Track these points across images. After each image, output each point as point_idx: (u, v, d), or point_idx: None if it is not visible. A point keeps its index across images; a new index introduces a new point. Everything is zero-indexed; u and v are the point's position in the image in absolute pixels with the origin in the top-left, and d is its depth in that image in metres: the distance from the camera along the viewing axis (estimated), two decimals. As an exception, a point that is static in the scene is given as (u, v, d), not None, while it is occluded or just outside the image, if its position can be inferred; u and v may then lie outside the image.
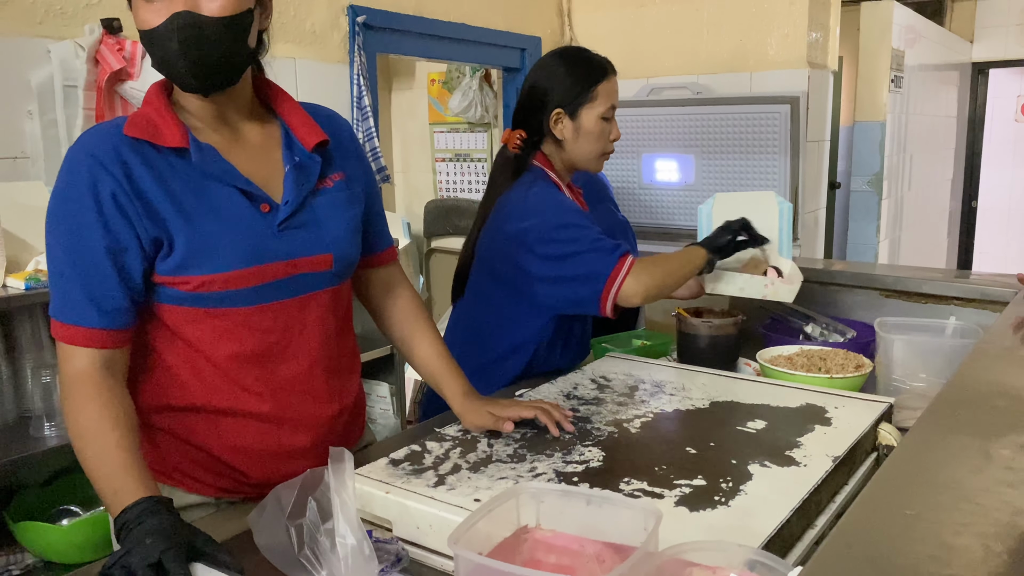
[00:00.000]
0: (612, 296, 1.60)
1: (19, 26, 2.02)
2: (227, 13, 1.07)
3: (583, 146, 1.74)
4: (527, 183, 1.71)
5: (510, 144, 1.76)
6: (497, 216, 1.73)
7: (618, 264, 1.59)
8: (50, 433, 1.84)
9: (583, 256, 1.61)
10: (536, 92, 1.74)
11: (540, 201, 1.68)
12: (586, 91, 1.71)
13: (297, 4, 2.67)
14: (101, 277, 1.07)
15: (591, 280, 1.61)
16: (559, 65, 1.74)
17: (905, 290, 1.97)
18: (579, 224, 1.64)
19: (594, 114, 1.72)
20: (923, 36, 5.42)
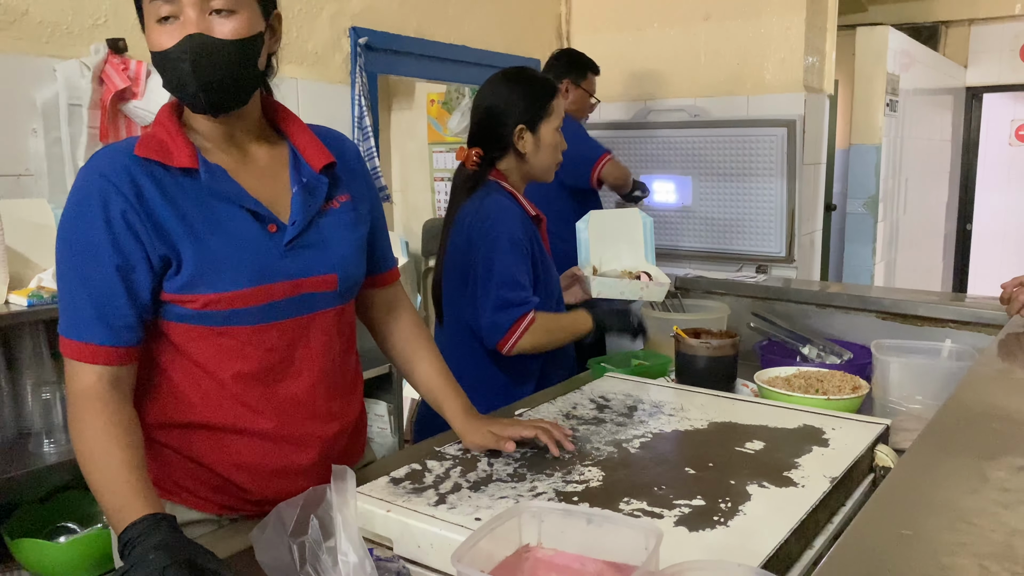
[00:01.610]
0: (509, 346, 1.76)
1: (26, 45, 2.04)
2: (239, 36, 1.10)
3: (542, 157, 1.89)
4: (480, 196, 1.84)
5: (468, 161, 1.88)
6: (457, 228, 1.85)
7: (517, 322, 1.75)
8: (49, 450, 1.84)
9: (493, 297, 1.76)
10: (496, 111, 1.86)
11: (489, 216, 1.80)
12: (544, 106, 1.86)
13: (300, 25, 2.70)
14: (110, 294, 1.08)
15: (492, 326, 1.76)
16: (516, 85, 1.88)
17: (901, 313, 1.99)
18: (507, 264, 1.76)
19: (551, 127, 1.88)
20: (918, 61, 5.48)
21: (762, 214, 3.42)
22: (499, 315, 1.75)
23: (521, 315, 1.75)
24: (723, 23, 3.53)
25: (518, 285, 1.76)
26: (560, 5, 3.99)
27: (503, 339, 1.75)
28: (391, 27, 3.04)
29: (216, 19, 1.08)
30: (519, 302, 1.75)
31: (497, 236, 1.78)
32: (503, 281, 1.76)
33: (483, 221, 1.79)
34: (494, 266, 1.76)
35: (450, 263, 1.87)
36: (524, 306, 1.75)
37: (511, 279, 1.76)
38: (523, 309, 1.75)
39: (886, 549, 0.71)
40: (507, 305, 1.75)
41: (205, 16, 1.08)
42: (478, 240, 1.79)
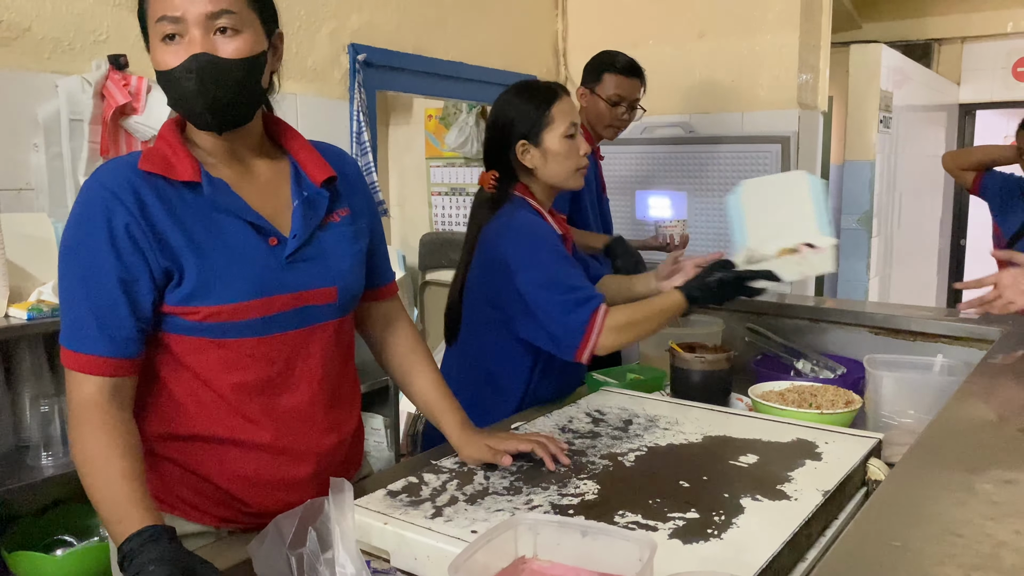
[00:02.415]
0: (588, 349, 1.63)
1: (28, 61, 2.06)
2: (243, 55, 1.12)
3: (554, 168, 1.79)
4: (508, 212, 1.76)
5: (486, 185, 1.81)
6: (482, 247, 1.77)
7: (591, 319, 1.62)
8: (47, 463, 1.85)
9: (557, 303, 1.65)
10: (498, 130, 1.81)
11: (521, 229, 1.72)
12: (542, 116, 1.77)
13: (299, 41, 2.73)
14: (112, 306, 1.09)
15: (566, 332, 1.64)
16: (512, 99, 1.81)
17: (894, 328, 2.01)
18: (557, 269, 1.67)
19: (556, 135, 1.77)
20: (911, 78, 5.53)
21: (757, 229, 3.44)
22: (569, 318, 1.63)
23: (592, 314, 1.62)
24: (718, 40, 3.57)
25: (575, 284, 1.66)
26: (556, 22, 4.03)
27: (581, 342, 1.63)
28: (389, 44, 3.07)
29: (220, 39, 1.11)
30: (584, 299, 1.63)
31: (538, 249, 1.69)
32: (558, 287, 1.65)
33: (517, 239, 1.71)
34: (545, 277, 1.66)
35: (475, 282, 1.79)
36: (591, 301, 1.63)
37: (566, 284, 1.65)
38: (592, 305, 1.63)
39: (876, 560, 0.72)
40: (575, 309, 1.63)
41: (210, 36, 1.10)
42: (516, 258, 1.69)
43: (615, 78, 2.65)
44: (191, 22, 1.09)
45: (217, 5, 1.09)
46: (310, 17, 2.76)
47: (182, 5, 1.08)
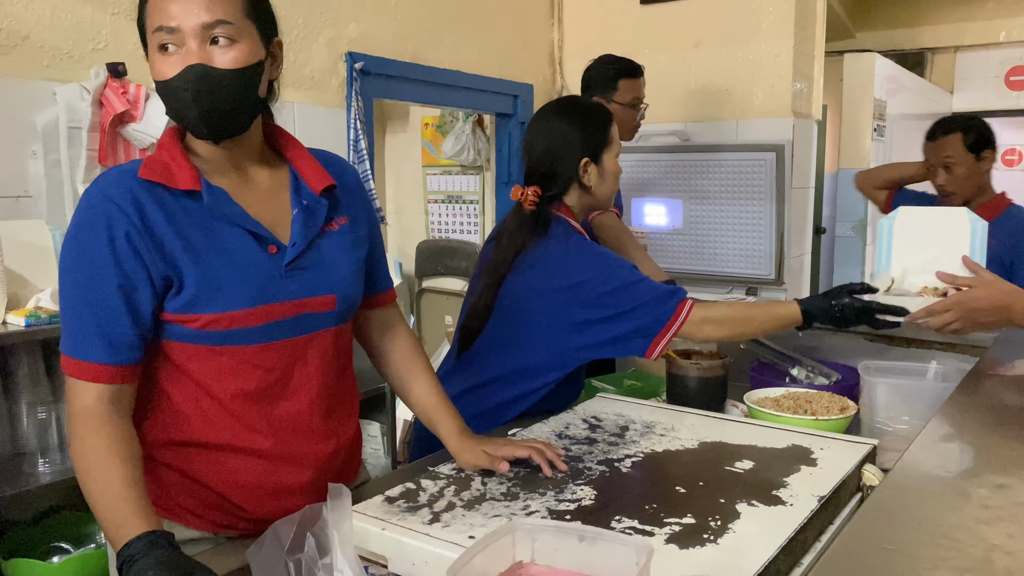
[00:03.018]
0: (666, 341, 1.64)
1: (27, 69, 2.07)
2: (239, 65, 1.13)
3: (607, 186, 1.83)
4: (560, 236, 1.74)
5: (526, 202, 1.77)
6: (533, 272, 1.73)
7: (677, 309, 1.63)
8: (44, 469, 1.85)
9: (639, 310, 1.65)
10: (558, 147, 1.78)
11: (586, 256, 1.72)
12: (605, 135, 1.80)
13: (297, 50, 2.74)
14: (112, 314, 1.10)
15: (643, 332, 1.64)
16: (574, 118, 1.79)
17: (889, 334, 2.02)
18: (630, 280, 1.67)
19: (612, 155, 1.82)
20: (904, 87, 5.56)
21: (751, 237, 3.46)
22: (649, 319, 1.63)
23: (678, 304, 1.63)
24: (713, 50, 3.59)
25: (653, 288, 1.65)
26: (552, 31, 4.06)
27: (656, 337, 1.63)
28: (387, 52, 3.09)
29: (217, 49, 1.11)
30: (664, 296, 1.63)
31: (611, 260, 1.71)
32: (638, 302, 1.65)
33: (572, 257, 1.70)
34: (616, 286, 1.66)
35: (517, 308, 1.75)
36: (673, 297, 1.64)
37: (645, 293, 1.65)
38: (675, 298, 1.63)
39: (870, 563, 0.73)
40: (655, 306, 1.63)
41: (206, 46, 1.11)
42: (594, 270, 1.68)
43: (629, 82, 2.68)
44: (187, 33, 1.10)
45: (213, 16, 1.10)
46: (308, 26, 2.78)
47: (178, 16, 1.09)
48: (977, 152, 2.57)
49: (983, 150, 2.57)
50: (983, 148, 2.57)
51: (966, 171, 2.58)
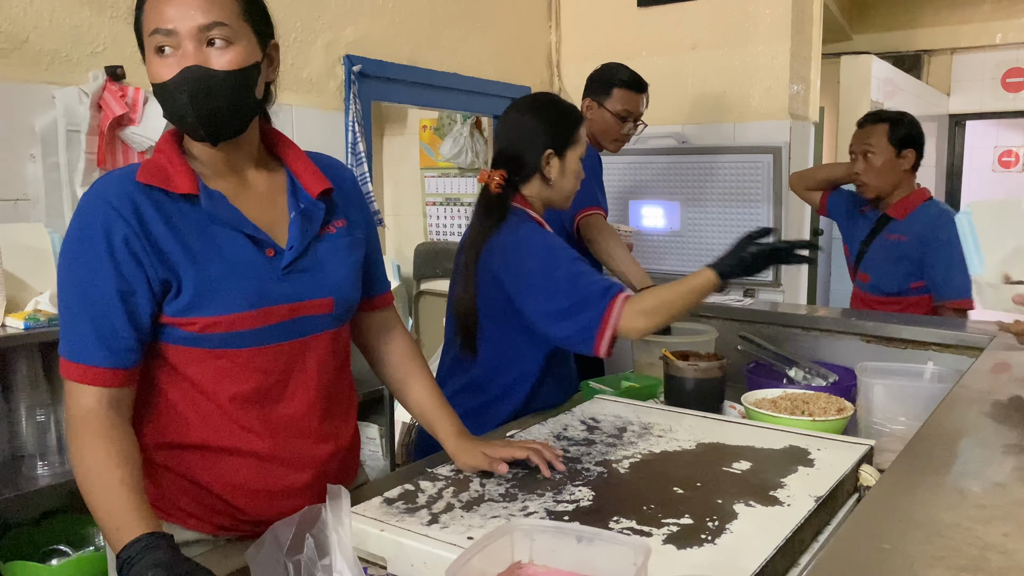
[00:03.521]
0: (606, 339, 1.61)
1: (25, 72, 2.07)
2: (235, 67, 1.13)
3: (565, 184, 1.86)
4: (513, 225, 1.77)
5: (492, 184, 1.81)
6: (490, 259, 1.76)
7: (608, 307, 1.60)
8: (43, 472, 1.85)
9: (578, 306, 1.63)
10: (526, 135, 1.83)
11: (531, 243, 1.74)
12: (572, 133, 1.84)
13: (295, 53, 2.74)
14: (111, 318, 1.10)
15: (585, 325, 1.62)
16: (544, 110, 1.85)
17: (885, 336, 2.03)
18: (571, 270, 1.68)
19: (576, 154, 1.86)
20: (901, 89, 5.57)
21: (749, 239, 3.46)
22: (587, 312, 1.61)
23: (610, 300, 1.60)
24: (710, 52, 3.60)
25: (591, 283, 1.64)
26: (550, 34, 4.06)
27: (597, 332, 1.60)
28: (385, 55, 3.09)
29: (213, 51, 1.12)
30: (600, 292, 1.62)
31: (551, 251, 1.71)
32: (578, 292, 1.64)
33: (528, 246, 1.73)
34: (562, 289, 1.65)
35: (487, 295, 1.78)
36: (607, 294, 1.61)
37: (583, 284, 1.64)
38: (608, 295, 1.61)
39: (866, 562, 0.74)
40: (591, 299, 1.62)
41: (202, 48, 1.11)
42: (528, 262, 1.71)
43: (625, 93, 2.68)
44: (184, 35, 1.10)
45: (209, 18, 1.10)
46: (306, 29, 2.78)
47: (175, 18, 1.10)
48: (899, 148, 2.55)
49: (905, 148, 2.55)
50: (906, 146, 2.56)
51: (884, 164, 2.56)
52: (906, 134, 2.56)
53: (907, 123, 2.59)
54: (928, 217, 2.52)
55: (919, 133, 2.60)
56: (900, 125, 2.57)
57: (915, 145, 2.57)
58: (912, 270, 2.50)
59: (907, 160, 2.56)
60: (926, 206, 2.57)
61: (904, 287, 2.53)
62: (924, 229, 2.49)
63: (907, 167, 2.58)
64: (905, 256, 2.53)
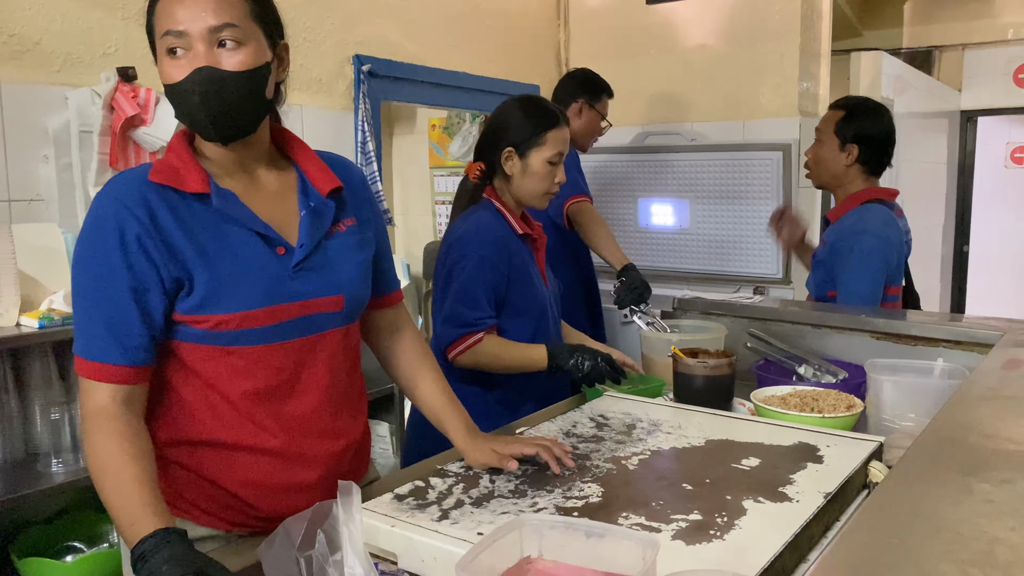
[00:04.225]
0: (451, 358, 1.82)
1: (38, 74, 2.10)
2: (245, 68, 1.14)
3: (527, 184, 1.91)
4: (468, 214, 1.91)
5: (471, 175, 1.93)
6: (443, 241, 1.93)
7: (460, 339, 1.81)
8: (57, 470, 1.87)
9: (450, 305, 1.82)
10: (493, 130, 1.91)
11: (471, 228, 1.86)
12: (537, 135, 1.88)
13: (305, 53, 2.76)
14: (124, 316, 1.12)
15: (442, 336, 1.83)
16: (517, 108, 1.91)
17: (895, 332, 2.02)
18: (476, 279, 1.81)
19: (542, 157, 1.89)
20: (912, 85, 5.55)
21: (759, 236, 3.46)
22: (448, 328, 1.82)
23: (468, 334, 1.80)
24: (719, 50, 3.60)
25: (475, 304, 1.81)
26: (559, 32, 4.07)
27: (451, 347, 1.82)
28: (394, 55, 3.10)
29: (223, 52, 1.13)
30: (471, 322, 1.81)
31: (466, 253, 1.83)
32: (460, 297, 1.81)
33: (460, 236, 1.86)
34: (455, 280, 1.82)
35: (435, 277, 1.93)
36: (475, 327, 1.81)
37: (469, 297, 1.81)
38: (473, 329, 1.80)
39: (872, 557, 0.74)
40: (459, 322, 1.81)
41: (213, 49, 1.13)
42: (451, 253, 1.86)
43: (607, 101, 3.08)
44: (195, 36, 1.11)
45: (220, 19, 1.12)
46: (315, 29, 2.80)
47: (185, 20, 1.11)
48: (843, 140, 2.37)
49: (849, 142, 2.36)
50: (851, 140, 2.36)
51: (823, 153, 2.42)
52: (855, 127, 2.36)
53: (863, 116, 2.39)
54: (846, 224, 2.36)
55: (877, 131, 2.38)
56: (853, 117, 2.38)
57: (862, 142, 2.36)
58: (826, 278, 2.38)
59: (849, 155, 2.37)
60: (853, 212, 2.37)
61: (821, 295, 2.40)
62: (838, 237, 2.35)
63: (848, 163, 2.38)
64: (821, 263, 2.41)
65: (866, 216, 2.34)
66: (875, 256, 2.28)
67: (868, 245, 2.28)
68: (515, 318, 1.89)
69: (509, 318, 1.89)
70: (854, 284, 2.28)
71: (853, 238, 2.29)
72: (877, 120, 2.39)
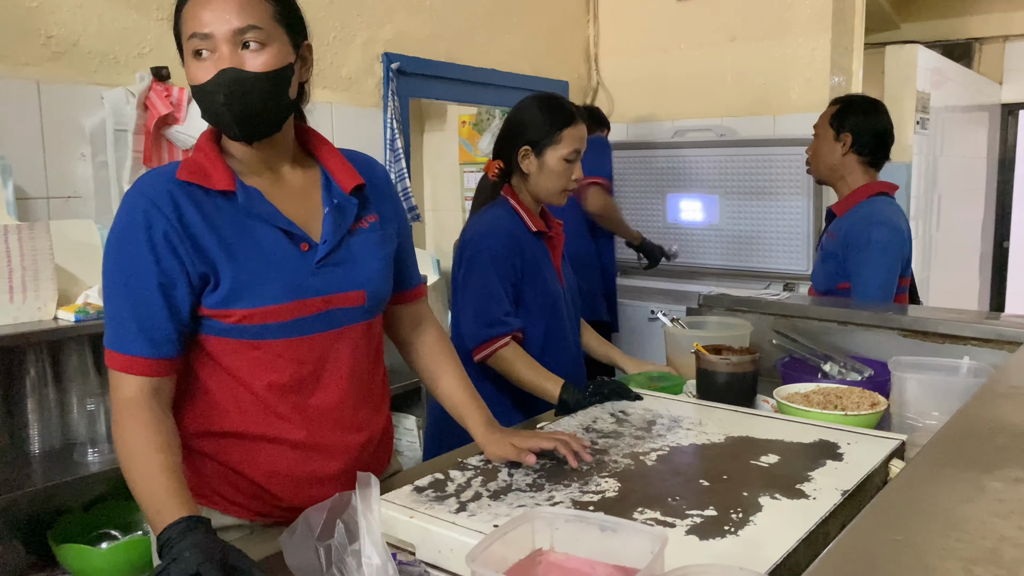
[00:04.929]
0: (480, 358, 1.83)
1: (75, 74, 2.15)
2: (269, 68, 1.17)
3: (543, 182, 1.92)
4: (485, 210, 1.93)
5: (490, 172, 1.96)
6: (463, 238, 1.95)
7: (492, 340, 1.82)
8: (93, 459, 1.92)
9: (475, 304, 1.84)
10: (510, 128, 1.93)
11: (483, 226, 1.89)
12: (553, 133, 1.89)
13: (334, 52, 2.79)
14: (152, 310, 1.15)
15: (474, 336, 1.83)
16: (534, 107, 1.92)
17: (923, 330, 2.00)
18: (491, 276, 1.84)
19: (557, 155, 1.89)
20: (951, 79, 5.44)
21: (788, 232, 3.43)
22: (476, 328, 1.83)
23: (496, 336, 1.82)
24: (749, 44, 3.57)
25: (498, 299, 1.84)
26: (588, 28, 4.06)
27: (478, 348, 1.83)
28: (422, 52, 3.13)
29: (248, 53, 1.16)
30: (500, 319, 1.83)
31: (478, 250, 1.86)
32: (483, 294, 1.84)
33: (472, 235, 1.90)
34: (471, 278, 1.85)
35: (453, 275, 1.96)
36: (503, 325, 1.83)
37: (491, 292, 1.83)
38: (501, 330, 1.82)
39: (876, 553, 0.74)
40: (487, 320, 1.83)
41: (237, 51, 1.16)
42: (464, 252, 1.89)
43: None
44: (219, 38, 1.14)
45: (244, 21, 1.15)
46: (344, 28, 2.83)
47: (211, 23, 1.14)
48: (837, 130, 2.42)
49: (844, 131, 2.41)
50: (845, 129, 2.41)
51: (820, 145, 2.48)
52: (848, 119, 2.41)
53: (856, 109, 2.44)
54: (858, 216, 2.38)
55: (869, 123, 2.43)
56: (847, 110, 2.43)
57: (855, 131, 2.40)
58: (837, 270, 2.40)
59: (843, 145, 2.41)
60: (863, 204, 2.40)
61: (831, 287, 2.42)
62: (850, 228, 2.37)
63: (843, 152, 2.42)
64: (831, 255, 2.43)
65: (880, 208, 2.37)
66: (892, 247, 2.32)
67: (885, 236, 2.31)
68: (527, 315, 1.91)
69: (522, 316, 1.90)
70: (873, 276, 2.30)
71: (869, 229, 2.32)
72: (871, 113, 2.44)
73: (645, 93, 3.93)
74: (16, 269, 1.79)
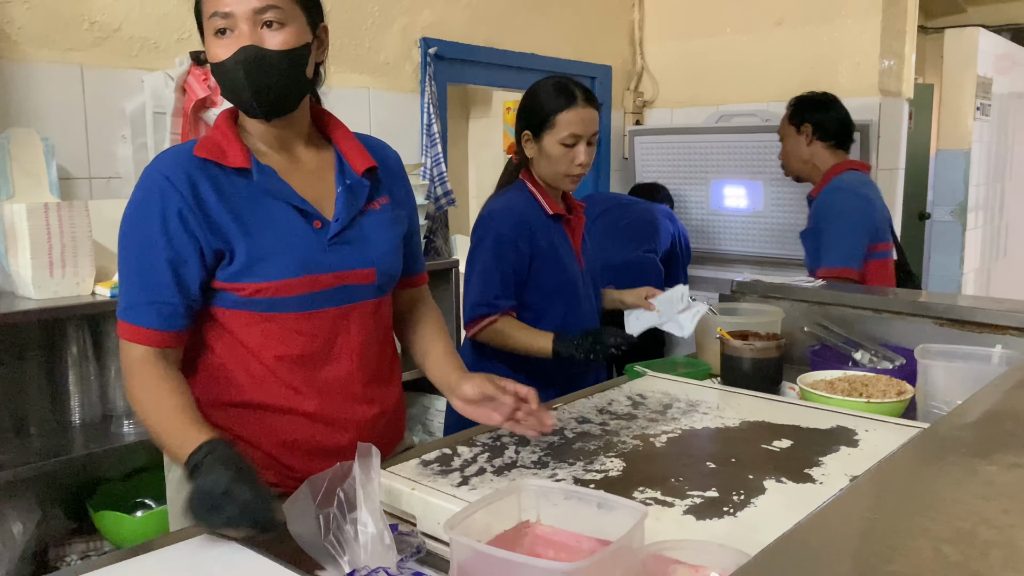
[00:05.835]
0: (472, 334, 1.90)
1: (117, 59, 2.22)
2: (287, 47, 1.20)
3: (545, 167, 1.92)
4: (502, 192, 1.96)
5: (513, 155, 2.01)
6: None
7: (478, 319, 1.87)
8: (129, 430, 1.99)
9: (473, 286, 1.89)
10: (518, 113, 1.95)
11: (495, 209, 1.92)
12: (547, 118, 1.87)
13: (372, 37, 2.82)
14: (161, 285, 1.20)
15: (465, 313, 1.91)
16: (536, 91, 1.92)
17: (957, 318, 1.94)
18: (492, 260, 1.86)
19: (554, 139, 1.88)
20: (1019, 64, 5.23)
21: (833, 220, 3.34)
22: (468, 307, 1.90)
23: (484, 314, 1.87)
24: (796, 28, 3.49)
25: (491, 285, 1.87)
26: (633, 12, 4.02)
27: (468, 326, 1.91)
28: (460, 37, 3.14)
29: (267, 32, 1.19)
30: (488, 302, 1.86)
31: (486, 232, 1.88)
32: (480, 278, 1.88)
33: (483, 217, 1.92)
34: (477, 260, 1.89)
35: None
36: (491, 307, 1.86)
37: (487, 277, 1.87)
38: (488, 310, 1.86)
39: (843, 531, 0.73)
40: (477, 301, 1.88)
41: (257, 29, 1.19)
42: (475, 233, 1.92)
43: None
44: (240, 17, 1.18)
45: (263, 1, 1.18)
46: (383, 13, 2.86)
47: (231, 2, 1.18)
48: (797, 125, 2.61)
49: (802, 125, 2.59)
50: (802, 123, 2.59)
51: (788, 144, 2.66)
52: (803, 111, 2.61)
53: (807, 102, 2.62)
54: (824, 194, 2.54)
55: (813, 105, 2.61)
56: (800, 105, 2.63)
57: (809, 120, 2.59)
58: (817, 245, 2.53)
59: (806, 135, 2.59)
60: (832, 180, 2.55)
61: (817, 265, 2.52)
62: (820, 205, 2.54)
63: (808, 142, 2.60)
64: (810, 233, 2.57)
65: (845, 179, 2.54)
66: (854, 212, 2.47)
67: (847, 202, 2.48)
68: (544, 296, 1.90)
69: (538, 297, 1.90)
70: (836, 240, 2.45)
71: (832, 196, 2.50)
72: (824, 103, 2.62)
73: (690, 78, 3.87)
74: (56, 246, 1.87)
